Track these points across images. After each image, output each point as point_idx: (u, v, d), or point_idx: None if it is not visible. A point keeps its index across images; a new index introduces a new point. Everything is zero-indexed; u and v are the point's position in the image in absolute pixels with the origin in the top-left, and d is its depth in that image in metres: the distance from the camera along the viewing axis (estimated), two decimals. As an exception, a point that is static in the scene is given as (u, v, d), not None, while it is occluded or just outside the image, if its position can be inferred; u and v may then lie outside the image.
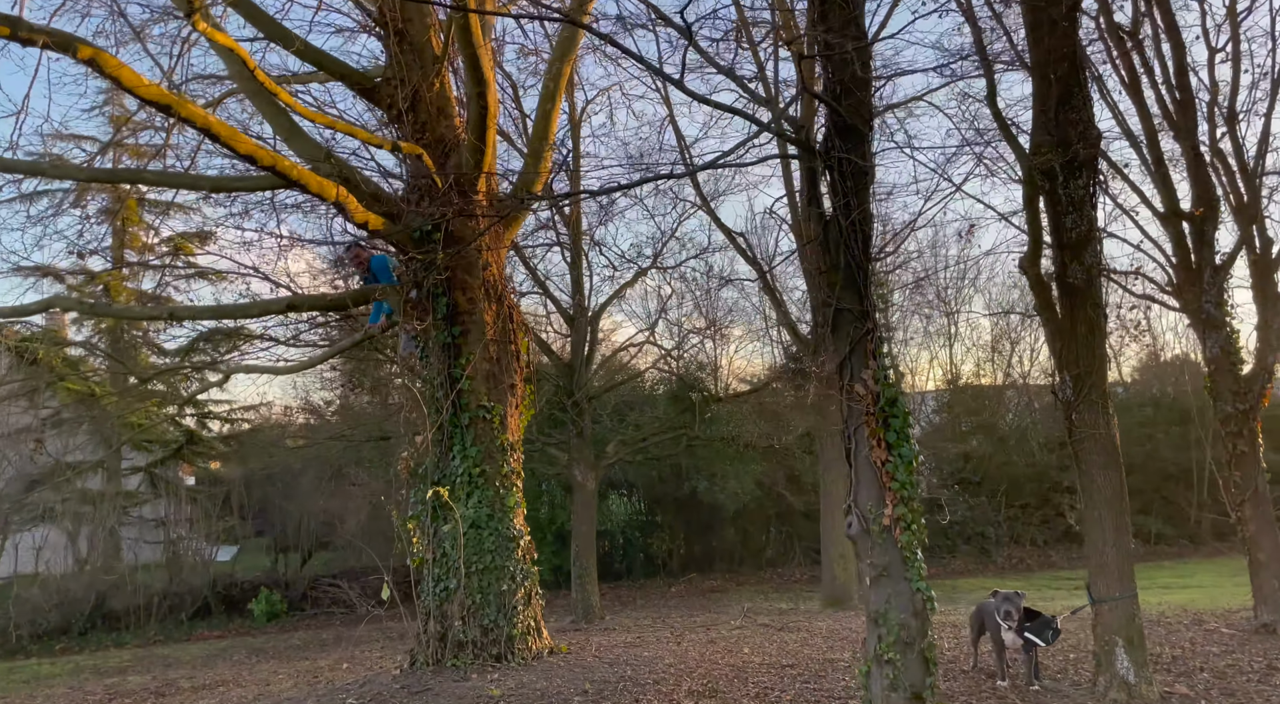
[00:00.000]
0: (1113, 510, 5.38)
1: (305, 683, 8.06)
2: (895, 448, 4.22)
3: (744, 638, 8.05)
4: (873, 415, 4.22)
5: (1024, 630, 5.71)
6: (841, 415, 4.45)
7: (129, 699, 8.95)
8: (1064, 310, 5.46)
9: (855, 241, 4.28)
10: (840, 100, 4.25)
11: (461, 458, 6.71)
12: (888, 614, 4.16)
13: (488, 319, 7.03)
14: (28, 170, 6.35)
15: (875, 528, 4.22)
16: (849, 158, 4.26)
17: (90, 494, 22.31)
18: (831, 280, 4.39)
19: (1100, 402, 5.33)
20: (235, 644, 16.36)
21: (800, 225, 12.04)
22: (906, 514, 4.20)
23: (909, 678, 4.10)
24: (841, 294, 4.35)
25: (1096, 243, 5.29)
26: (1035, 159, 5.36)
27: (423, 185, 6.95)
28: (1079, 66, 5.31)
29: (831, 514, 11.53)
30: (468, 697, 5.73)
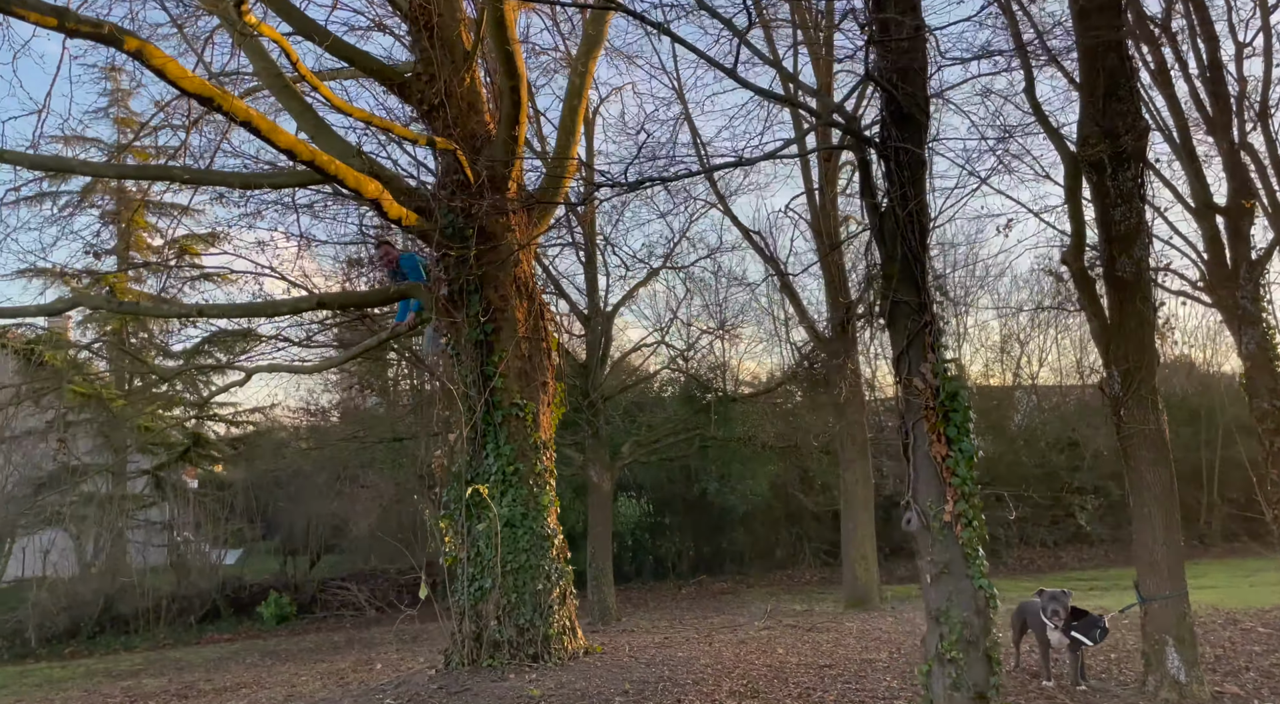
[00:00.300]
0: (1162, 507, 5.32)
1: (333, 684, 7.98)
2: (956, 442, 4.16)
3: (774, 638, 7.98)
4: (932, 410, 4.16)
5: (1071, 630, 5.64)
6: (898, 410, 4.38)
7: (152, 701, 8.85)
8: (1112, 305, 5.39)
9: (912, 233, 4.22)
10: (898, 88, 4.19)
11: (495, 456, 6.64)
12: (949, 612, 4.09)
13: (519, 316, 6.97)
14: (57, 166, 6.28)
15: (936, 524, 4.15)
16: (906, 147, 4.20)
17: (97, 497, 22.23)
18: (888, 273, 4.32)
19: (1150, 397, 5.27)
20: (247, 647, 16.27)
21: (820, 223, 11.98)
22: (968, 510, 4.14)
23: (972, 677, 4.03)
24: (898, 286, 4.28)
25: (1145, 235, 5.23)
26: (1084, 151, 5.29)
27: (454, 181, 6.89)
28: (1126, 56, 5.25)
29: (852, 514, 11.46)
30: (507, 697, 5.65)
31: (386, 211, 6.17)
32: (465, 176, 6.80)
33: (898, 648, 7.08)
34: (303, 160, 5.38)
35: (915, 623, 8.72)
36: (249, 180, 7.09)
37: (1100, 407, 24.77)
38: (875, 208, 4.41)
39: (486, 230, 6.89)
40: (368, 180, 5.87)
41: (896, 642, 7.43)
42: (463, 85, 7.03)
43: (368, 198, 5.93)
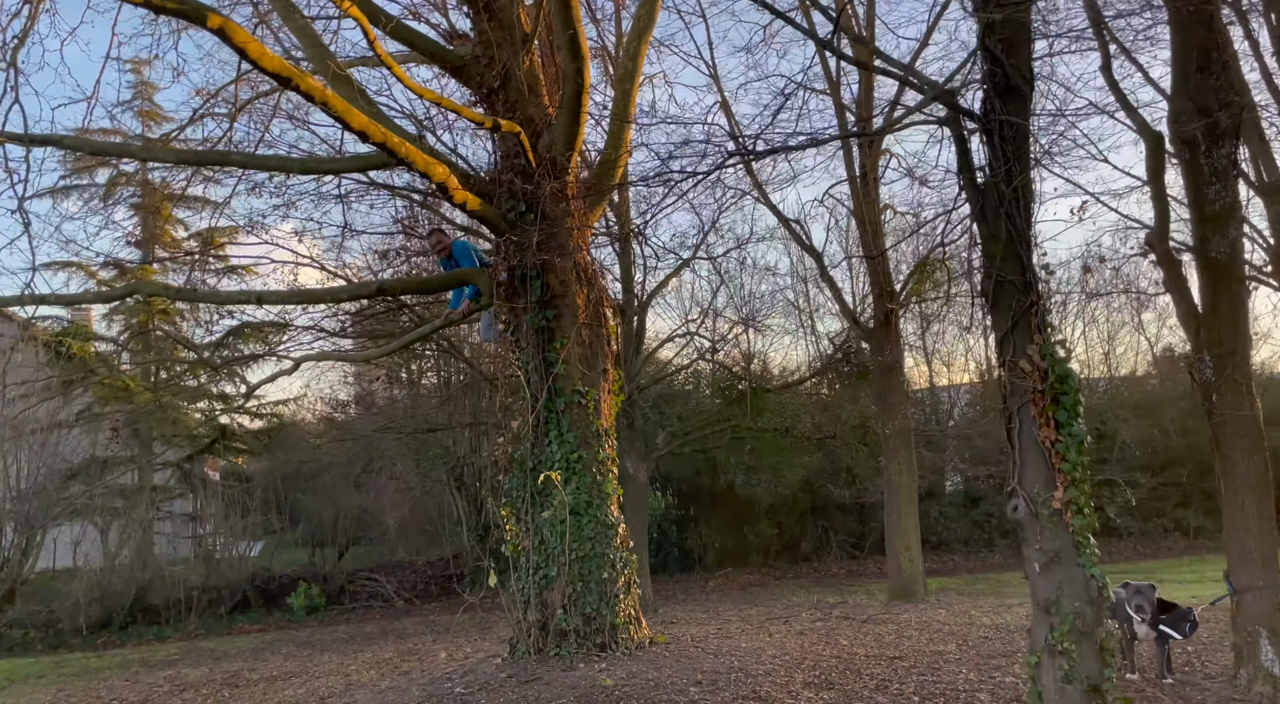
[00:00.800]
0: (1256, 496, 5.19)
1: (389, 673, 7.94)
2: (1066, 426, 4.04)
3: (834, 630, 7.88)
4: (1040, 392, 4.03)
5: (1159, 623, 5.52)
6: (1001, 393, 4.26)
7: (203, 690, 8.83)
8: (1203, 287, 5.26)
9: (1017, 209, 4.10)
10: (1003, 60, 4.05)
11: (559, 443, 6.55)
12: (1060, 602, 3.98)
13: (579, 302, 6.87)
14: (118, 152, 6.22)
15: (1045, 511, 4.03)
16: (1012, 120, 4.07)
17: (125, 489, 22.33)
18: (990, 252, 4.20)
19: (1245, 382, 5.14)
20: (280, 637, 16.29)
21: (862, 210, 11.82)
22: (1078, 497, 4.02)
23: (1085, 669, 3.91)
24: (1002, 265, 4.16)
25: (1240, 214, 5.09)
26: (1176, 127, 5.15)
27: (516, 165, 6.79)
28: (1219, 29, 5.11)
29: (896, 506, 11.33)
30: (580, 686, 5.57)
31: (452, 195, 6.08)
32: (526, 161, 6.70)
33: (963, 640, 6.97)
34: (375, 141, 5.30)
35: (970, 615, 8.61)
36: (308, 165, 7.01)
37: (1128, 398, 24.58)
38: (974, 184, 4.28)
39: (547, 215, 6.79)
40: (436, 163, 5.78)
41: (960, 634, 7.32)
42: (522, 68, 6.93)
43: (435, 181, 5.84)
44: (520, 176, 6.75)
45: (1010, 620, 7.97)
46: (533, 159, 6.68)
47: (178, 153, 6.58)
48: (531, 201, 6.77)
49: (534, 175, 6.70)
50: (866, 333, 11.97)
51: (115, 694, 9.60)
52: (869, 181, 11.69)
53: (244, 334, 24.15)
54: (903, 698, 5.34)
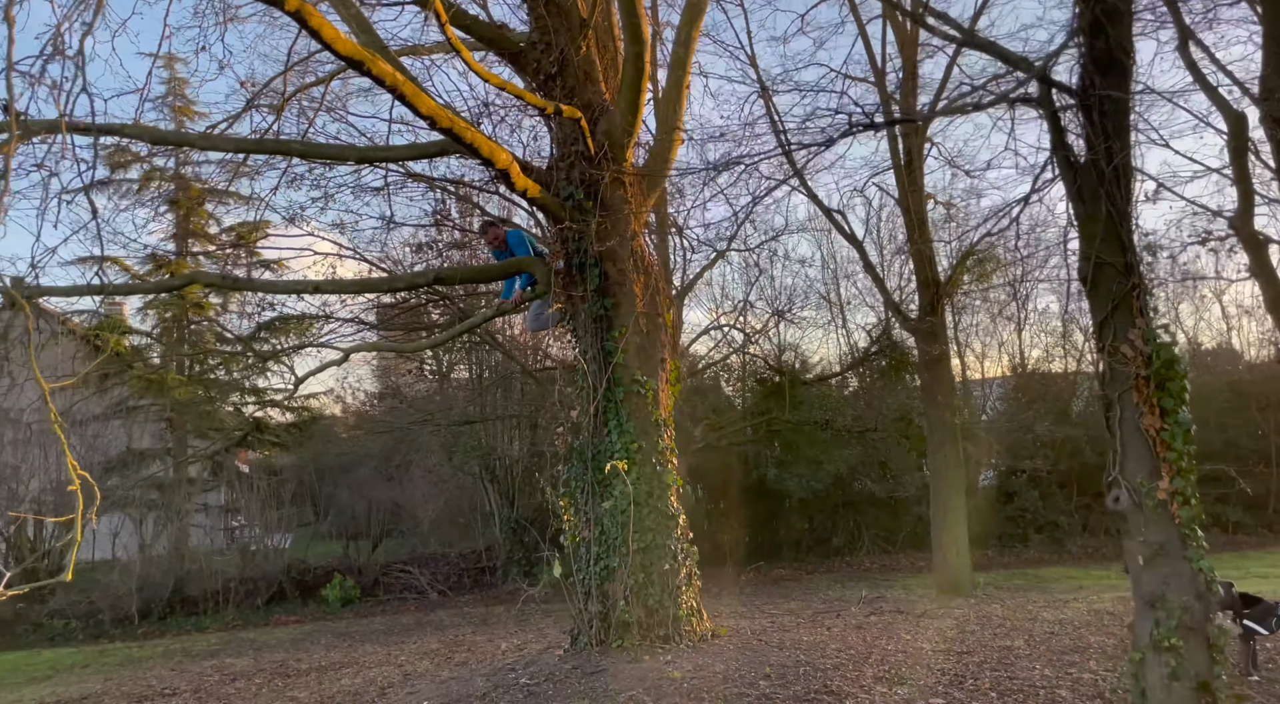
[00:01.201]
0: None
1: (442, 663, 7.90)
2: (1172, 414, 3.90)
3: (891, 624, 7.76)
4: (1144, 379, 3.90)
5: (1244, 618, 5.36)
6: (1101, 380, 4.12)
7: (255, 679, 8.83)
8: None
9: (1117, 188, 3.96)
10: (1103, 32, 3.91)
11: (619, 433, 6.47)
12: (1166, 597, 3.84)
13: (637, 291, 6.78)
14: (178, 141, 6.19)
15: (1149, 502, 3.90)
16: (1112, 96, 3.93)
17: (161, 481, 22.53)
18: (1089, 233, 4.06)
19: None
20: (318, 628, 16.37)
21: (907, 199, 11.65)
22: (1185, 487, 3.88)
23: (1193, 666, 3.78)
24: (1101, 247, 4.02)
25: (1336, 198, 4.91)
26: (1269, 106, 4.98)
27: (573, 152, 6.71)
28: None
29: (943, 499, 11.17)
30: (647, 679, 5.50)
31: (514, 182, 6.00)
32: (585, 147, 6.62)
33: (1029, 635, 6.83)
34: (442, 127, 5.23)
35: (1028, 610, 8.45)
36: (365, 153, 6.97)
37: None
38: (1069, 163, 4.14)
39: (606, 202, 6.71)
40: (500, 150, 5.71)
41: (1024, 629, 7.18)
42: (579, 54, 6.84)
43: (498, 168, 5.77)
44: (578, 163, 6.67)
45: (1072, 615, 7.82)
46: (591, 145, 6.59)
47: (237, 142, 6.55)
48: (590, 188, 6.68)
49: (593, 162, 6.61)
50: (912, 324, 11.80)
51: (165, 683, 9.64)
52: (914, 170, 11.52)
53: (276, 327, 24.32)
54: (979, 694, 5.22)
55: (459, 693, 5.76)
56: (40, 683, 11.80)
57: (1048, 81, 4.09)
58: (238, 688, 8.47)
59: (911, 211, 11.41)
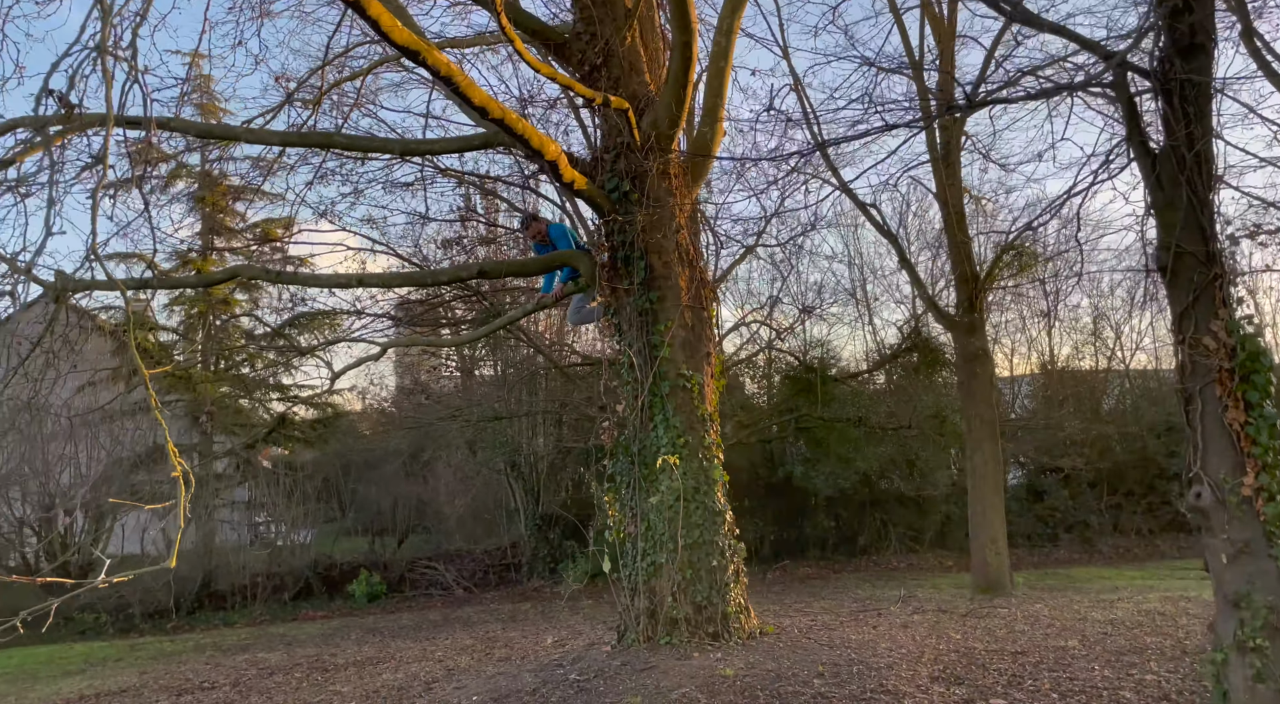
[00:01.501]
0: None
1: (482, 659, 7.86)
2: (1256, 407, 3.78)
3: (938, 623, 7.65)
4: (1228, 371, 3.78)
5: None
6: (1180, 373, 4.01)
7: (294, 674, 8.83)
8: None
9: (1199, 175, 3.84)
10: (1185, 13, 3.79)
11: (665, 428, 6.39)
12: (1251, 596, 3.73)
13: (682, 284, 6.70)
14: (224, 135, 6.17)
15: (1232, 499, 3.78)
16: (1193, 79, 3.81)
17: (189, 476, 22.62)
18: (1167, 221, 3.94)
19: None
20: (347, 624, 16.43)
21: (944, 192, 11.50)
22: (1270, 483, 3.76)
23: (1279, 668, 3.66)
24: (1181, 235, 3.90)
25: None
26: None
27: (618, 144, 6.64)
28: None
29: (981, 497, 11.03)
30: (699, 675, 5.42)
31: (562, 174, 5.94)
32: (630, 139, 6.54)
33: (1083, 636, 6.70)
34: (494, 117, 5.17)
35: (1075, 610, 8.31)
36: (409, 146, 6.93)
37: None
38: (1146, 150, 4.03)
39: (651, 195, 6.63)
40: (549, 141, 5.65)
41: (1075, 629, 7.05)
42: (624, 45, 6.77)
43: (547, 159, 5.71)
44: (624, 155, 6.60)
45: (1122, 616, 7.68)
46: (638, 136, 6.52)
47: (282, 135, 6.52)
48: (636, 180, 6.61)
49: (639, 153, 6.54)
50: (949, 320, 11.65)
51: (202, 677, 9.67)
52: (952, 162, 11.38)
53: (301, 324, 24.44)
54: (1039, 695, 5.12)
55: (507, 688, 5.71)
56: (74, 676, 11.88)
57: (1125, 65, 3.98)
58: (276, 682, 8.47)
59: (949, 204, 11.26)
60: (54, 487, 19.32)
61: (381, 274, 8.55)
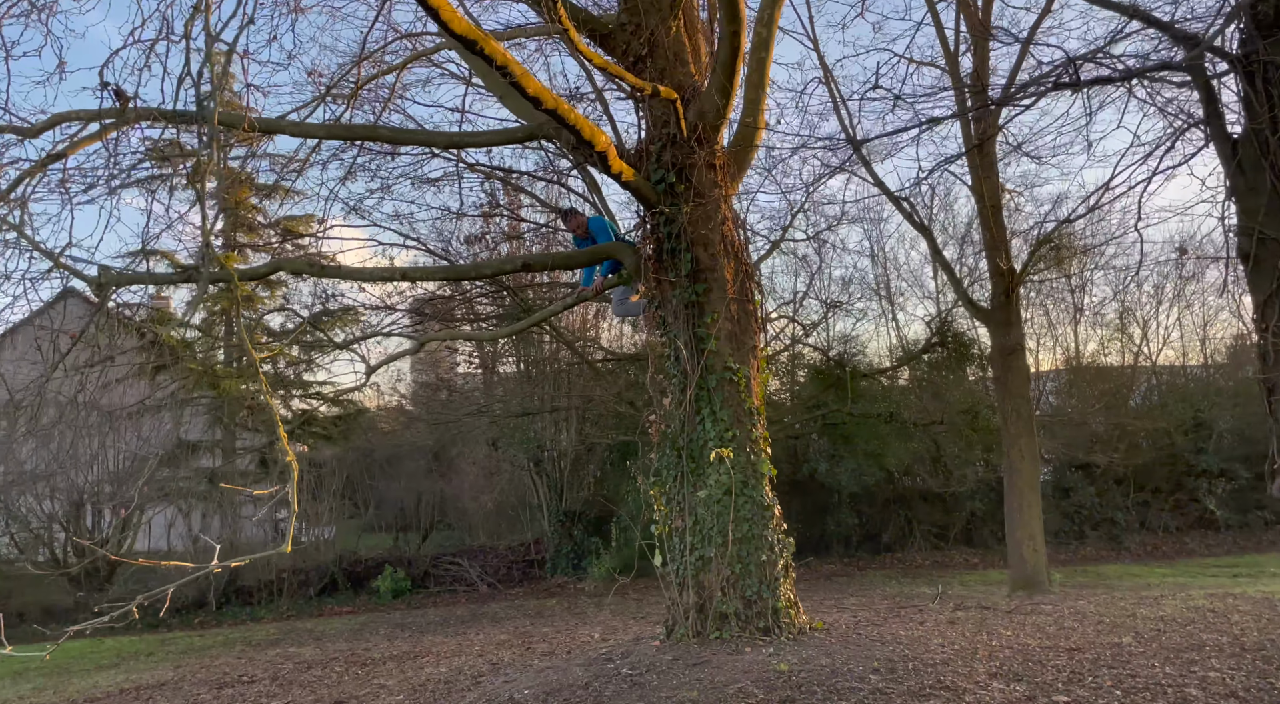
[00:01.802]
0: None
1: (523, 654, 7.84)
2: (1343, 396, 3.70)
3: (985, 620, 7.56)
4: (1313, 360, 3.70)
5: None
6: (1262, 361, 3.92)
7: (333, 668, 8.84)
8: None
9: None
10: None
11: (712, 422, 6.34)
12: (1339, 585, 3.64)
13: (728, 276, 6.64)
14: (266, 128, 6.16)
15: (1318, 488, 3.70)
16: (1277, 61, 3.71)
17: (212, 473, 22.84)
18: (1249, 206, 3.86)
19: None
20: (373, 619, 16.49)
21: (980, 184, 11.39)
22: (1358, 472, 3.67)
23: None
24: (1265, 221, 3.82)
25: None
26: None
27: (663, 136, 6.58)
28: None
29: (1018, 493, 10.92)
30: (753, 671, 5.37)
31: (610, 165, 5.90)
32: (677, 130, 6.49)
33: (1136, 633, 6.61)
34: (547, 107, 5.14)
35: (1121, 607, 8.21)
36: (454, 139, 6.90)
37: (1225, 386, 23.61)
38: (1225, 134, 3.94)
39: (696, 186, 6.58)
40: (600, 132, 5.60)
41: (1126, 626, 6.95)
42: (668, 35, 6.71)
43: (598, 150, 5.66)
44: (669, 147, 6.55)
45: (1172, 612, 7.57)
46: (685, 128, 6.46)
47: (328, 128, 6.50)
48: (682, 172, 6.56)
49: (686, 145, 6.49)
50: (984, 313, 11.53)
51: (239, 671, 9.69)
52: (987, 154, 11.27)
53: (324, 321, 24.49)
54: (1102, 692, 5.03)
55: (558, 682, 5.67)
56: (108, 670, 11.96)
57: (1205, 48, 3.89)
58: (315, 675, 8.48)
59: (985, 197, 11.15)
60: (84, 483, 19.46)
61: (426, 268, 8.53)
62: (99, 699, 8.73)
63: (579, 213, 7.71)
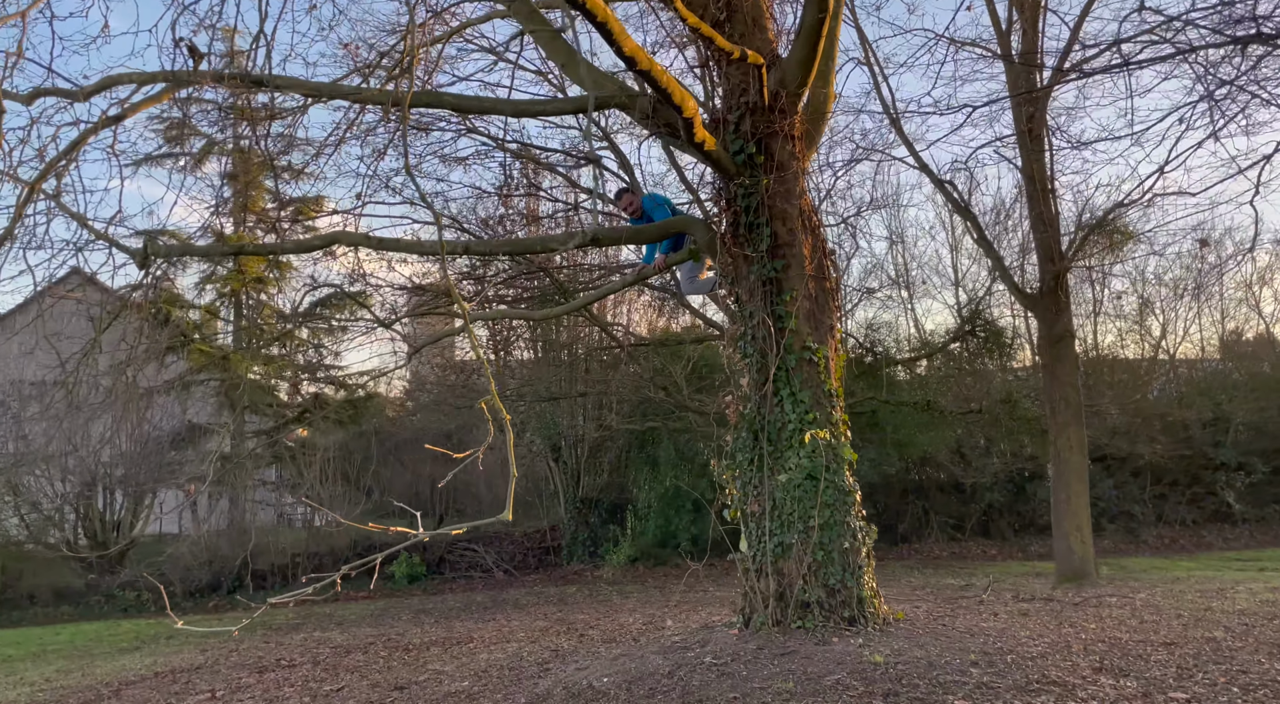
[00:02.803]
0: None
1: (579, 639, 7.61)
2: None
3: (1061, 612, 7.35)
4: None
5: None
6: None
7: (376, 651, 8.59)
8: None
9: None
10: None
11: (792, 404, 6.08)
12: None
13: (805, 252, 6.38)
14: (330, 93, 5.87)
15: None
16: None
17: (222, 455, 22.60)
18: None
19: None
20: (392, 605, 16.30)
21: (1030, 166, 11.14)
22: None
23: None
24: None
25: None
26: None
27: (741, 104, 6.30)
28: None
29: (1065, 484, 10.71)
30: (846, 662, 5.14)
31: (695, 133, 5.62)
32: (759, 98, 6.20)
33: (1226, 627, 6.40)
34: (640, 69, 4.87)
35: (1191, 601, 8.01)
36: (519, 107, 6.60)
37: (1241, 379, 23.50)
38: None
39: (775, 157, 6.31)
40: (689, 97, 5.32)
41: (1209, 620, 6.74)
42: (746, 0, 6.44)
43: (685, 116, 5.39)
44: (747, 116, 6.27)
45: (1246, 606, 7.37)
46: (766, 96, 6.18)
47: (389, 94, 6.20)
48: (760, 142, 6.29)
49: (766, 113, 6.21)
50: (1031, 299, 11.29)
51: (274, 655, 9.45)
52: (1037, 135, 11.01)
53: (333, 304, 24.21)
54: (1217, 689, 4.82)
55: (638, 670, 5.44)
56: (131, 653, 11.71)
57: None
58: (359, 660, 8.24)
59: (1036, 179, 10.89)
60: (95, 464, 19.19)
61: (488, 241, 8.27)
62: (133, 683, 8.47)
63: (632, 191, 7.47)
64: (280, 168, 23.22)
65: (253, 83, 5.61)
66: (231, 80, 5.79)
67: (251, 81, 5.59)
